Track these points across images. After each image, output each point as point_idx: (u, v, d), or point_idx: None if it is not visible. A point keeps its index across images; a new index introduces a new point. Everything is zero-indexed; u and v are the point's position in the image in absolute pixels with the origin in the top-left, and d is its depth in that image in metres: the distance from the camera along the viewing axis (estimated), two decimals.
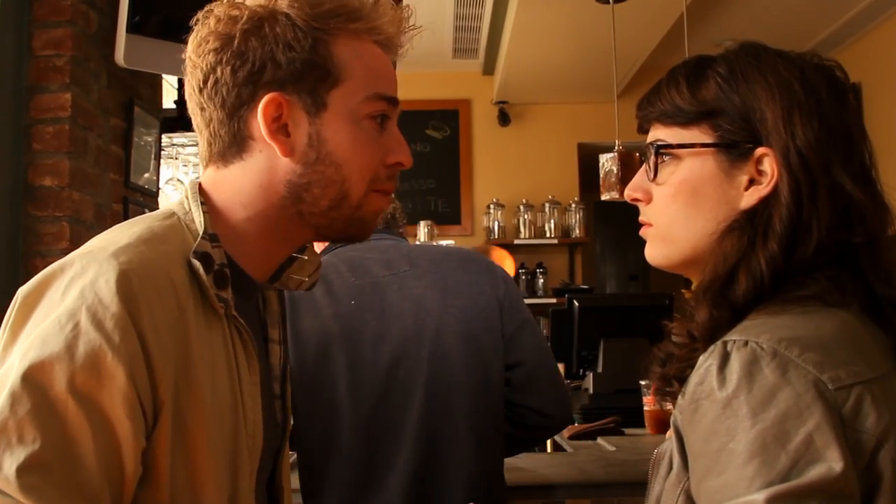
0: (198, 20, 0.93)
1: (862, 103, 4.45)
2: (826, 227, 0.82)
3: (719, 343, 0.78)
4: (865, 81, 4.48)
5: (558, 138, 5.59)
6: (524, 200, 5.41)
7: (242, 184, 0.92)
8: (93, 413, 0.74)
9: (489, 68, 5.50)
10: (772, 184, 0.85)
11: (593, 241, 6.34)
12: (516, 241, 5.37)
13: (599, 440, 2.44)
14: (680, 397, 0.81)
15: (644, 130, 0.95)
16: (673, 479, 0.81)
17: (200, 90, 0.92)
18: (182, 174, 3.38)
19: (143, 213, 1.83)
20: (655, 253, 0.94)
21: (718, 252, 0.86)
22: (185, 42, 0.94)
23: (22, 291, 0.80)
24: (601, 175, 3.18)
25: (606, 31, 3.63)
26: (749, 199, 0.86)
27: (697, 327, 0.86)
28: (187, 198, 0.92)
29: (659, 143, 0.92)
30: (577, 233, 5.40)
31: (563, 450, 2.45)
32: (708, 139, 0.88)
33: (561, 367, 2.75)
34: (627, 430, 2.60)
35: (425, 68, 5.33)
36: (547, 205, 5.40)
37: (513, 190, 5.46)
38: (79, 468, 0.73)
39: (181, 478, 0.81)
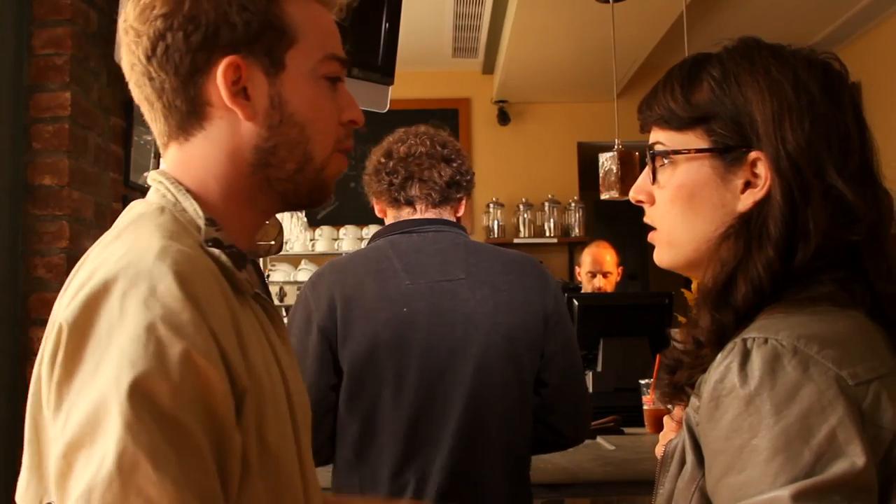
0: None
1: (861, 103, 4.43)
2: (823, 230, 0.82)
3: (738, 340, 0.78)
4: (865, 81, 4.47)
5: (558, 137, 5.59)
6: (524, 199, 5.41)
7: (210, 156, 0.89)
8: (205, 418, 0.72)
9: (489, 67, 5.49)
10: (766, 187, 0.85)
11: (593, 240, 6.33)
12: (516, 241, 5.35)
13: (599, 439, 2.44)
14: (693, 397, 0.81)
15: (647, 131, 0.96)
16: (687, 477, 0.82)
17: (149, 58, 0.86)
18: None
19: None
20: (662, 257, 0.95)
21: (716, 258, 0.87)
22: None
23: (66, 320, 0.73)
24: (601, 174, 3.18)
25: (606, 30, 3.62)
26: (745, 202, 0.86)
27: (702, 332, 0.86)
28: (168, 189, 0.88)
29: (655, 148, 0.92)
30: (576, 232, 5.39)
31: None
32: (703, 144, 0.89)
33: None
34: (627, 430, 2.60)
35: (425, 67, 5.32)
36: (546, 204, 5.40)
37: (512, 189, 5.46)
38: (204, 475, 0.70)
39: (266, 468, 0.80)
